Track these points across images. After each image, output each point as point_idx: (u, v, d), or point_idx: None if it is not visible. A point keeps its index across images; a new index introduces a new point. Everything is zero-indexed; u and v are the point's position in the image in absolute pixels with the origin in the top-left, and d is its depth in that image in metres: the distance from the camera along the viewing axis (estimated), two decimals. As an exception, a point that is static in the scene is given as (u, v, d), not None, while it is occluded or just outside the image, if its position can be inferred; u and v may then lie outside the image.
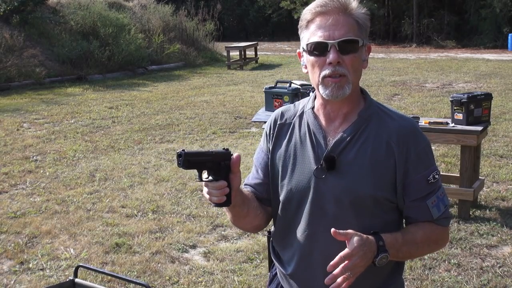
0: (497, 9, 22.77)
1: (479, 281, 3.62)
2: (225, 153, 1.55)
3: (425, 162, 1.61)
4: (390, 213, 1.64)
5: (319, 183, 1.61)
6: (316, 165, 1.61)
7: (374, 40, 26.63)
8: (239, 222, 1.74)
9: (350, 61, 1.55)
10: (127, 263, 3.93)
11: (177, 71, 16.03)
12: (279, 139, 1.72)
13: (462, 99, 4.59)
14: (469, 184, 4.63)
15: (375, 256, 1.52)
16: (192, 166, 1.50)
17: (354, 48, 1.56)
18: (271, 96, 5.39)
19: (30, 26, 14.39)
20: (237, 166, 1.55)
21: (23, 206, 5.09)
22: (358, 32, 1.57)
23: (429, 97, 10.52)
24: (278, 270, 1.78)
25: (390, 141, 1.59)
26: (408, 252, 1.63)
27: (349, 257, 1.48)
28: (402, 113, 1.69)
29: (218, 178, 1.52)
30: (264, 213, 1.75)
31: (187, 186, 5.59)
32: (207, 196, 1.55)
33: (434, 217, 1.62)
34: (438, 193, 1.62)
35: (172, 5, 19.60)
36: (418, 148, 1.60)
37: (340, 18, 1.55)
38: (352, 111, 1.63)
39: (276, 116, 1.76)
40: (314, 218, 1.63)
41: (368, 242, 1.51)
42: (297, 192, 1.65)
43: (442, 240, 1.70)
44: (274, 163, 1.72)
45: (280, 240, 1.75)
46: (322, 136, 1.63)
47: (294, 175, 1.66)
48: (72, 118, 9.12)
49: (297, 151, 1.67)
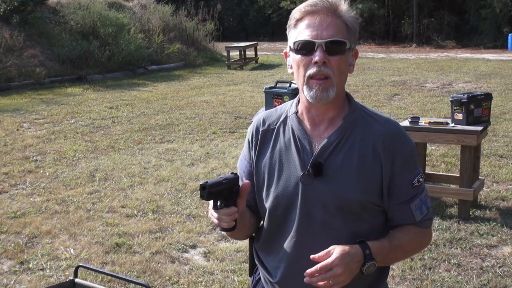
0: (497, 9, 22.78)
1: (479, 281, 3.61)
2: (235, 178, 1.57)
3: (410, 165, 1.60)
4: (377, 217, 1.63)
5: (306, 189, 1.59)
6: (303, 171, 1.59)
7: (374, 40, 26.65)
8: (234, 236, 1.77)
9: (336, 63, 1.54)
10: (127, 263, 3.93)
11: (177, 71, 16.03)
12: (263, 146, 1.69)
13: (462, 99, 4.59)
14: (469, 184, 4.63)
15: (363, 265, 1.51)
16: (213, 197, 1.53)
17: (341, 50, 1.55)
18: (271, 96, 5.39)
19: (30, 26, 14.39)
20: (247, 192, 1.57)
21: (23, 206, 5.09)
22: (346, 34, 1.56)
23: (429, 97, 10.52)
24: (262, 275, 1.76)
25: (376, 145, 1.57)
26: (394, 257, 1.65)
27: (327, 268, 1.47)
28: (387, 116, 1.68)
29: (229, 204, 1.55)
30: (255, 221, 1.76)
31: (187, 186, 5.59)
32: (216, 222, 1.56)
33: (416, 220, 1.63)
34: (421, 196, 1.63)
35: (172, 5, 19.62)
36: (404, 151, 1.59)
37: (329, 18, 1.54)
38: (337, 116, 1.62)
39: (258, 123, 1.73)
40: (302, 224, 1.61)
41: (352, 253, 1.50)
42: (284, 199, 1.63)
43: (425, 241, 1.72)
44: (259, 171, 1.69)
45: (265, 247, 1.74)
46: (307, 142, 1.61)
47: (280, 181, 1.64)
48: (72, 118, 9.12)
49: (282, 158, 1.65)
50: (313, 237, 1.59)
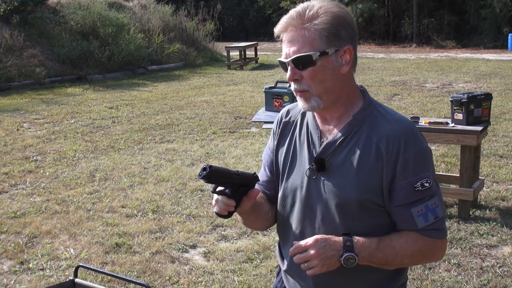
0: (497, 9, 22.78)
1: (479, 281, 3.61)
2: (250, 178, 1.60)
3: (415, 168, 1.54)
4: (379, 218, 1.59)
5: (311, 183, 1.63)
6: (309, 165, 1.63)
7: (374, 40, 26.66)
8: (249, 225, 1.82)
9: (309, 75, 1.54)
10: (127, 263, 3.93)
11: (177, 71, 16.03)
12: (283, 137, 1.74)
13: (462, 99, 4.59)
14: (469, 184, 4.63)
15: (341, 256, 1.52)
16: (211, 183, 1.54)
17: (309, 63, 1.53)
18: (271, 96, 5.40)
19: (30, 26, 14.39)
20: (253, 200, 1.62)
21: (23, 206, 5.09)
22: (317, 43, 1.52)
23: (429, 97, 10.52)
24: (280, 265, 1.83)
25: (380, 144, 1.56)
26: (384, 258, 1.56)
27: (301, 249, 1.53)
28: (402, 116, 1.64)
29: (230, 196, 1.57)
30: (275, 212, 1.78)
31: (187, 186, 5.59)
32: (213, 202, 1.62)
33: (418, 227, 1.56)
34: (428, 203, 1.55)
35: (172, 5, 19.61)
36: (409, 153, 1.54)
37: (295, 34, 1.54)
38: (346, 113, 1.62)
39: (282, 114, 1.78)
40: (305, 217, 1.65)
41: (331, 241, 1.53)
42: (292, 191, 1.68)
43: (429, 252, 1.61)
44: (278, 161, 1.74)
45: (280, 236, 1.79)
46: (317, 137, 1.65)
47: (291, 173, 1.69)
48: (72, 118, 9.12)
49: (296, 150, 1.69)
50: (313, 231, 1.62)
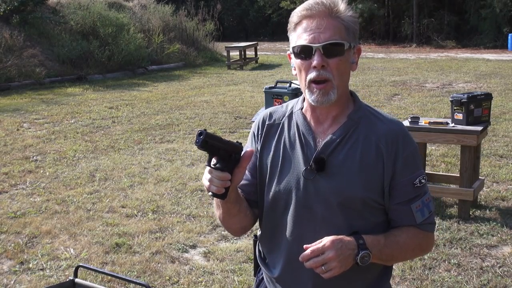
0: (497, 9, 22.78)
1: (479, 281, 3.61)
2: (237, 146, 1.53)
3: (413, 166, 1.61)
4: (379, 215, 1.63)
5: (308, 184, 1.60)
6: (305, 166, 1.60)
7: (374, 40, 26.65)
8: (228, 221, 1.69)
9: (335, 65, 1.55)
10: (127, 263, 3.93)
11: (177, 71, 16.03)
12: (267, 140, 1.70)
13: (462, 99, 4.59)
14: (469, 184, 4.63)
15: (356, 254, 1.51)
16: (207, 148, 1.48)
17: (339, 52, 1.55)
18: (271, 96, 5.39)
19: (30, 26, 14.39)
20: (248, 161, 1.55)
21: (23, 206, 5.09)
22: (344, 35, 1.56)
23: (429, 97, 10.52)
24: (265, 274, 1.77)
25: (380, 143, 1.58)
26: (390, 254, 1.61)
27: (319, 251, 1.48)
28: (392, 116, 1.69)
29: (224, 169, 1.51)
30: (252, 214, 1.73)
31: (187, 186, 5.59)
32: (207, 184, 1.51)
33: (417, 222, 1.62)
34: (423, 198, 1.62)
35: (172, 5, 19.62)
36: (407, 151, 1.59)
37: (326, 21, 1.54)
38: (341, 114, 1.63)
39: (265, 117, 1.74)
40: (302, 219, 1.62)
41: (345, 241, 1.51)
42: (285, 193, 1.63)
43: (426, 245, 1.69)
44: (263, 164, 1.70)
45: (267, 242, 1.74)
46: (311, 137, 1.62)
47: (282, 176, 1.64)
48: (72, 118, 9.12)
49: (286, 152, 1.66)
50: (314, 233, 1.58)
